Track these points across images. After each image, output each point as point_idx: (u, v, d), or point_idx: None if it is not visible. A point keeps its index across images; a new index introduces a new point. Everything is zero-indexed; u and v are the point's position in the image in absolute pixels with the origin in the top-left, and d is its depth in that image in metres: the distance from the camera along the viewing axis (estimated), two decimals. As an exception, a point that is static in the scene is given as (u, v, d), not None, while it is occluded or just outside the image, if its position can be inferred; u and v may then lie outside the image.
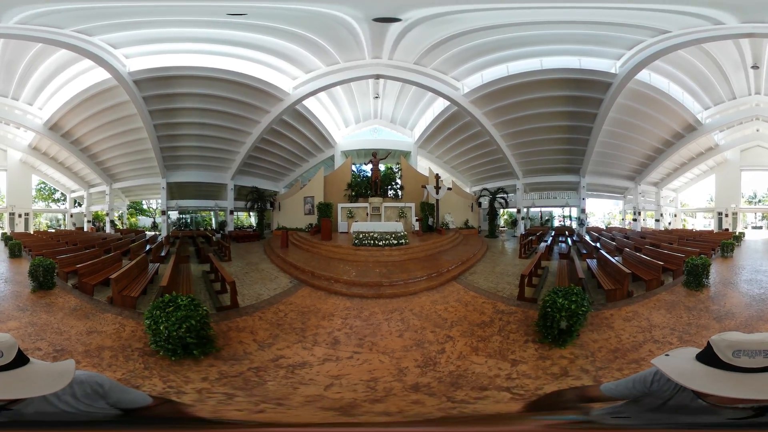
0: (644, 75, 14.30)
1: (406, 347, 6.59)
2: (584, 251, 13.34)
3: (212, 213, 19.83)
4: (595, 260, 11.35)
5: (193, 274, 11.05)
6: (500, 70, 14.95)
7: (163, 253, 13.11)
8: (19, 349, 1.74)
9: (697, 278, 8.99)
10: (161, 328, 5.92)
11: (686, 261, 9.32)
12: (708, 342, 1.75)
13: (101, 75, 13.89)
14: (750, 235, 16.92)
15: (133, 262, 10.03)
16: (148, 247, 13.68)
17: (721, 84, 15.47)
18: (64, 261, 10.01)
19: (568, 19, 11.33)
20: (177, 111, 15.44)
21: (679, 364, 1.79)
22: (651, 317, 7.58)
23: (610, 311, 7.88)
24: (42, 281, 8.78)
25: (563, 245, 14.79)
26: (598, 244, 13.98)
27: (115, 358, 5.93)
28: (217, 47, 13.74)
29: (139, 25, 11.75)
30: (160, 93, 14.60)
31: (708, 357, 1.73)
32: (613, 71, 13.90)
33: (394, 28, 11.95)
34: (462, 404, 4.88)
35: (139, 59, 13.60)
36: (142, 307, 7.61)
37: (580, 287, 7.25)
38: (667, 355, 1.90)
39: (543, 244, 13.57)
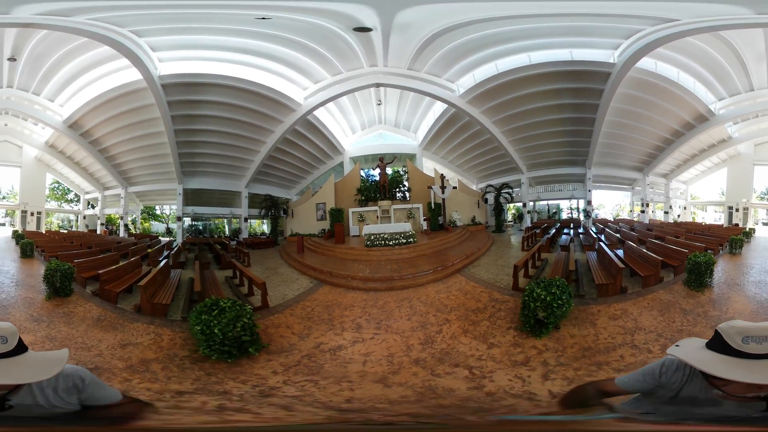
0: (650, 64, 13.78)
1: (413, 328, 7.48)
2: (586, 243, 13.50)
3: (225, 220, 20.24)
4: (596, 252, 11.43)
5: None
6: (490, 68, 14.90)
7: (182, 260, 13.60)
8: (20, 337, 1.88)
9: (699, 277, 8.25)
10: (215, 330, 5.84)
11: (689, 258, 8.51)
12: (716, 330, 1.86)
13: (128, 77, 13.71)
14: (761, 232, 16.37)
15: (158, 268, 10.23)
16: (165, 253, 14.06)
17: (738, 75, 14.75)
18: (82, 265, 9.28)
19: (555, 12, 11.01)
20: (197, 118, 15.64)
21: (693, 353, 1.88)
22: (640, 318, 7.12)
23: (598, 307, 7.65)
24: (59, 287, 7.96)
25: (566, 237, 14.98)
26: (601, 236, 14.10)
27: (168, 369, 5.60)
28: (236, 56, 13.94)
29: (178, 30, 11.93)
30: (184, 99, 14.65)
31: (717, 344, 1.82)
32: (611, 61, 13.62)
33: (377, 36, 11.92)
34: (435, 378, 5.49)
35: (169, 64, 13.70)
36: (171, 315, 7.76)
37: (563, 279, 7.22)
38: (677, 345, 2.01)
39: (545, 237, 13.82)
